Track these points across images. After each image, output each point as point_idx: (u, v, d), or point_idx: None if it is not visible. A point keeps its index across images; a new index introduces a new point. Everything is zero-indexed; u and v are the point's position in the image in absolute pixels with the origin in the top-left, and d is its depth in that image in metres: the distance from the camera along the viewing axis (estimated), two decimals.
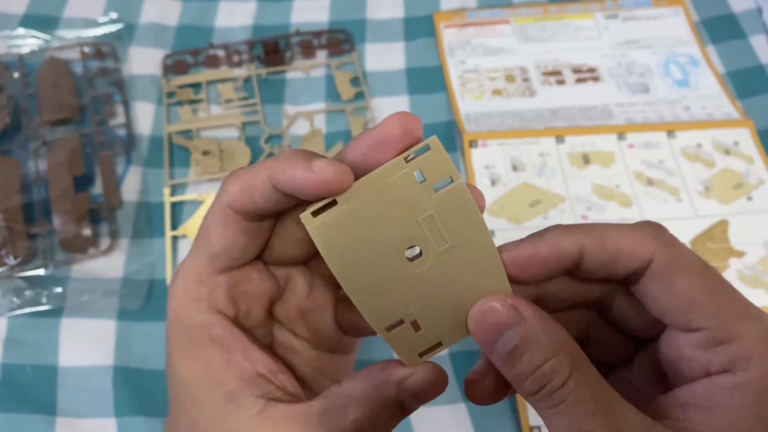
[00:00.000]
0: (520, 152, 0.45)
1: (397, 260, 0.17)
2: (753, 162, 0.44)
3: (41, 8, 0.55)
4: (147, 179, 0.45)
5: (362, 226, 0.17)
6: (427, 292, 0.17)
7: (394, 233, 0.17)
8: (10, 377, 0.36)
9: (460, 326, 0.18)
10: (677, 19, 0.54)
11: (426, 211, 0.17)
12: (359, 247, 0.17)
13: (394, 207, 0.17)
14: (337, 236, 0.17)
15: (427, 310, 0.17)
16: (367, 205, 0.17)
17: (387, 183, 0.16)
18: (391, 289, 0.17)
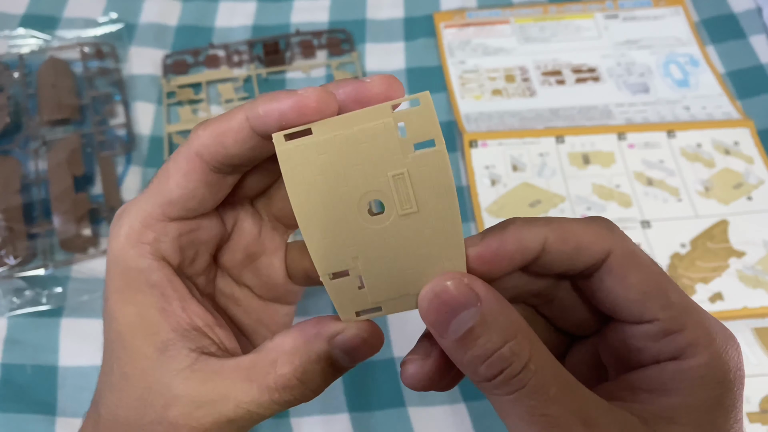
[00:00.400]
0: (520, 152, 0.45)
1: (357, 209, 0.16)
2: (753, 162, 0.44)
3: (41, 8, 0.55)
4: (147, 179, 0.45)
5: (331, 162, 0.16)
6: (379, 252, 0.16)
7: (361, 180, 0.16)
8: (10, 377, 0.36)
9: (405, 297, 0.17)
10: (677, 19, 0.54)
11: (400, 168, 0.16)
12: (323, 183, 0.16)
13: (368, 153, 0.15)
14: (304, 165, 0.16)
15: (374, 270, 0.16)
16: (342, 142, 0.16)
17: (367, 126, 0.15)
18: (344, 237, 0.16)
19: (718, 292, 0.39)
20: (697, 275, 0.39)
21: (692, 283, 0.39)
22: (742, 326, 0.37)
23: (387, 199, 0.16)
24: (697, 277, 0.39)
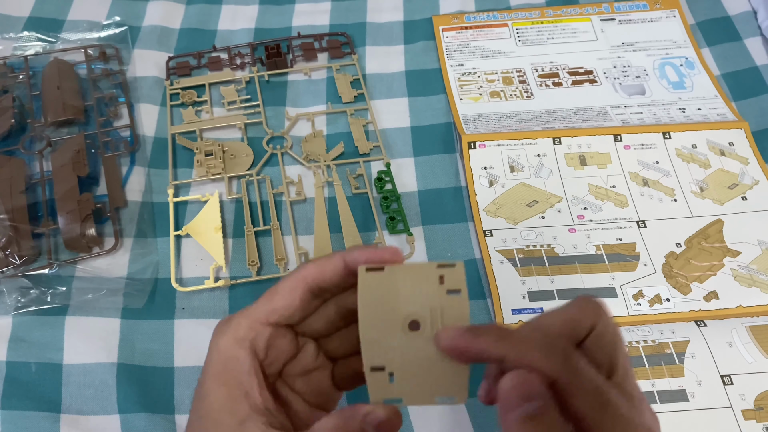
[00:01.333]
0: (518, 153, 0.45)
1: (401, 324, 0.23)
2: (747, 163, 0.45)
3: (46, 11, 0.55)
4: (151, 180, 0.46)
5: (391, 289, 0.23)
6: (409, 358, 0.23)
7: (408, 305, 0.23)
8: (15, 375, 0.37)
9: (421, 394, 0.23)
10: (673, 21, 0.54)
11: (436, 302, 0.23)
12: (382, 301, 0.23)
13: (417, 288, 0.23)
14: (373, 288, 0.23)
15: (403, 370, 0.23)
16: (401, 279, 0.23)
17: (420, 272, 0.23)
18: (387, 342, 0.23)
19: (713, 290, 0.39)
20: (692, 274, 0.40)
21: (687, 282, 0.40)
22: (737, 325, 0.38)
23: (423, 322, 0.23)
24: (692, 276, 0.40)
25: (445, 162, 0.47)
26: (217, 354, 0.24)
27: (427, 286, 0.23)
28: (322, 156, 0.47)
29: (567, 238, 0.41)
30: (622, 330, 0.38)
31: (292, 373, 0.26)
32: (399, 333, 0.23)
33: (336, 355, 0.27)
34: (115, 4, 0.56)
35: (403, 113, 0.49)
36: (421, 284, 0.23)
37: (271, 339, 0.25)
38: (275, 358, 0.25)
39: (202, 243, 0.42)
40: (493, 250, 0.41)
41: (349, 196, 0.45)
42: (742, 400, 0.35)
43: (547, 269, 0.40)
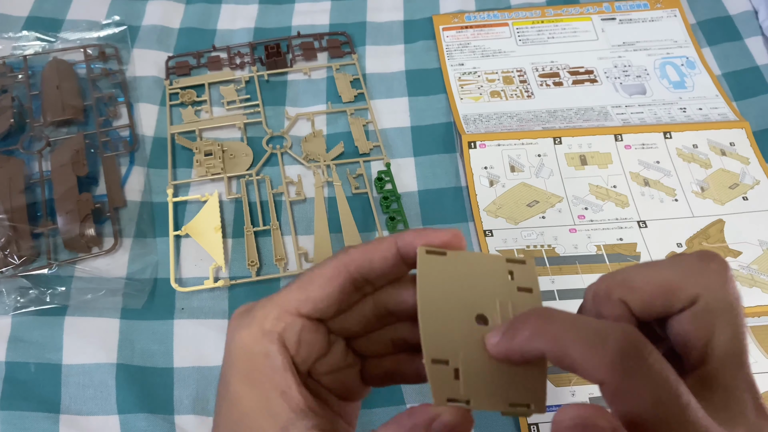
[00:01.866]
0: (518, 153, 0.45)
1: (468, 316, 0.20)
2: (749, 162, 0.45)
3: (45, 10, 0.55)
4: (150, 180, 0.46)
5: (456, 276, 0.20)
6: (477, 355, 0.19)
7: (475, 296, 0.20)
8: (14, 375, 0.37)
9: (489, 398, 0.19)
10: (674, 21, 0.54)
11: (506, 297, 0.20)
12: (445, 289, 0.20)
13: (484, 279, 0.21)
14: (435, 272, 0.20)
15: (470, 367, 0.19)
16: (467, 266, 0.21)
17: (488, 261, 0.21)
18: (452, 333, 0.19)
19: None
20: None
21: None
22: None
23: (491, 316, 0.20)
24: None
25: (445, 162, 0.46)
26: (242, 350, 0.21)
27: (496, 278, 0.20)
28: (322, 156, 0.47)
29: (568, 238, 0.41)
30: None
31: (319, 372, 0.23)
32: (465, 325, 0.19)
33: (366, 354, 0.24)
34: (115, 3, 0.56)
35: (403, 113, 0.49)
36: (490, 276, 0.20)
37: (303, 333, 0.21)
38: (307, 355, 0.22)
39: (202, 243, 0.42)
40: (494, 251, 0.41)
41: (349, 196, 0.45)
42: None
43: (548, 269, 0.40)
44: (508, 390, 0.19)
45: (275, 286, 0.41)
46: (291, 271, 0.41)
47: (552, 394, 0.36)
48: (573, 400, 0.35)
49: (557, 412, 0.17)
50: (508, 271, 0.21)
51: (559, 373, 0.36)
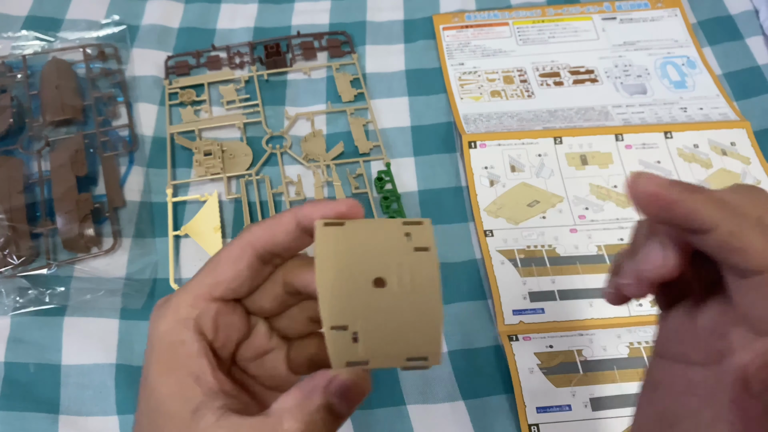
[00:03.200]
0: (519, 153, 0.45)
1: (365, 280, 0.20)
2: (749, 162, 0.45)
3: (44, 10, 0.55)
4: (149, 179, 0.45)
5: (353, 244, 0.21)
6: (374, 317, 0.20)
7: (372, 260, 0.21)
8: (13, 376, 0.37)
9: (388, 357, 0.20)
10: (674, 20, 0.54)
11: (403, 258, 0.21)
12: (342, 257, 0.20)
13: (381, 243, 0.21)
14: (332, 242, 0.21)
15: (368, 329, 0.20)
16: (364, 234, 0.21)
17: (385, 226, 0.21)
18: (350, 298, 0.20)
19: None
20: None
21: None
22: None
23: (389, 278, 0.20)
24: None
25: (445, 162, 0.46)
26: (158, 340, 0.21)
27: (393, 242, 0.21)
28: (321, 156, 0.46)
29: (568, 239, 0.41)
30: (624, 331, 0.38)
31: (245, 357, 0.24)
32: (362, 290, 0.20)
33: (289, 335, 0.24)
34: (114, 3, 0.56)
35: (403, 113, 0.49)
36: (387, 240, 0.21)
37: (219, 316, 0.22)
38: (226, 339, 0.22)
39: (201, 243, 0.42)
40: (494, 251, 0.41)
41: (349, 195, 0.45)
42: None
43: (548, 269, 0.40)
44: (406, 347, 0.20)
45: None
46: None
47: (552, 394, 0.36)
48: (573, 401, 0.35)
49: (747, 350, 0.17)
50: (405, 234, 0.21)
51: (560, 374, 0.36)
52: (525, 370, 0.36)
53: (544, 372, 0.36)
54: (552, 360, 0.37)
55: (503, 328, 0.38)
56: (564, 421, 0.35)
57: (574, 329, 0.38)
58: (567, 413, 0.35)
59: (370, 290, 0.20)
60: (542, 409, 0.35)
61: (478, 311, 0.39)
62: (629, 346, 0.37)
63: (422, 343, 0.20)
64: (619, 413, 0.35)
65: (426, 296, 0.20)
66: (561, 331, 0.38)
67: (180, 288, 0.23)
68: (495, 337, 0.38)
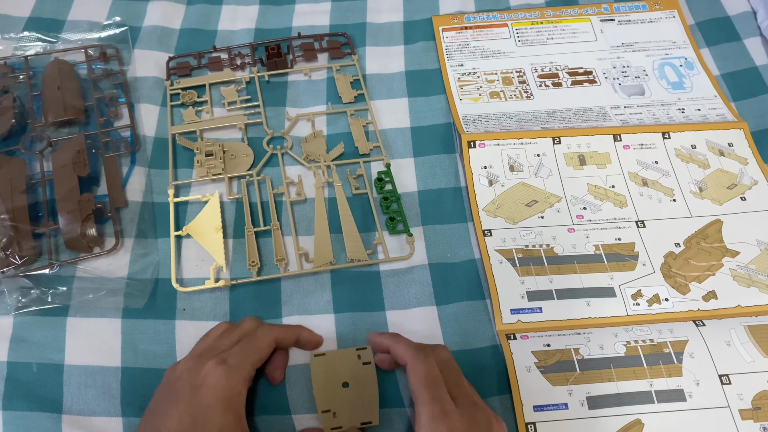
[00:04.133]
0: (518, 152, 0.46)
1: (338, 384, 0.37)
2: (747, 163, 0.45)
3: (46, 11, 0.55)
4: (151, 180, 0.46)
5: (329, 366, 0.38)
6: (344, 403, 0.36)
7: (340, 373, 0.37)
8: (16, 375, 0.37)
9: (351, 423, 0.36)
10: (672, 22, 0.55)
11: (357, 370, 0.37)
12: (325, 374, 0.37)
13: (345, 363, 0.38)
14: (319, 365, 0.38)
15: (341, 410, 0.36)
16: (335, 359, 0.38)
17: (346, 354, 0.38)
18: (331, 397, 0.36)
19: (712, 290, 0.39)
20: (691, 274, 0.40)
21: (686, 281, 0.40)
22: (736, 324, 0.38)
23: (351, 382, 0.37)
24: (691, 276, 0.40)
25: (445, 162, 0.47)
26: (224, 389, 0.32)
27: (351, 362, 0.37)
28: (322, 156, 0.47)
29: (566, 238, 0.42)
30: (621, 330, 0.38)
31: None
32: (336, 389, 0.36)
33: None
34: (116, 4, 0.56)
35: (403, 113, 0.49)
36: (347, 361, 0.37)
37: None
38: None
39: (203, 243, 0.42)
40: (493, 250, 0.41)
41: (349, 196, 0.45)
42: (739, 400, 0.35)
43: (546, 269, 0.40)
44: (361, 416, 0.36)
45: (276, 286, 0.41)
46: (291, 272, 0.41)
47: (549, 393, 0.36)
48: (570, 399, 0.36)
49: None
50: (357, 356, 0.38)
51: (557, 373, 0.37)
52: (522, 368, 0.37)
53: (541, 371, 0.36)
54: (549, 359, 0.37)
55: (501, 327, 0.38)
56: (561, 419, 0.35)
57: (572, 328, 0.38)
58: (564, 411, 0.35)
59: (341, 389, 0.37)
60: (539, 408, 0.35)
61: (477, 311, 0.40)
62: (626, 344, 0.37)
63: (369, 414, 0.36)
64: (616, 412, 0.35)
65: (369, 389, 0.36)
66: (558, 329, 0.38)
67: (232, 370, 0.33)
68: (493, 337, 0.39)
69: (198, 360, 0.34)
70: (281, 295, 0.41)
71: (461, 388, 0.33)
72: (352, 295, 0.40)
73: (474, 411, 0.32)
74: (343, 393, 0.36)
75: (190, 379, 0.32)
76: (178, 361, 0.35)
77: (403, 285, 0.41)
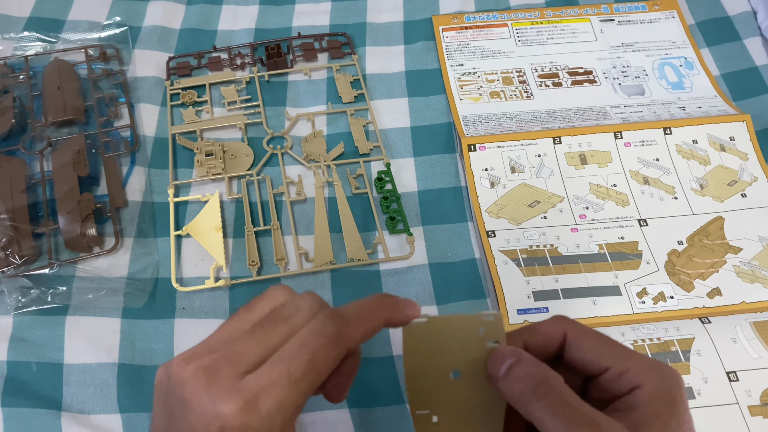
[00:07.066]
0: (518, 154, 0.45)
1: (443, 374, 0.24)
2: (747, 158, 0.45)
3: (46, 11, 0.55)
4: (151, 180, 0.46)
5: (435, 339, 0.24)
6: (450, 404, 0.24)
7: (449, 356, 0.24)
8: (16, 374, 0.37)
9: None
10: (672, 22, 0.55)
11: (476, 353, 0.24)
12: (425, 352, 0.24)
13: (457, 340, 0.24)
14: (417, 339, 0.24)
15: (445, 413, 0.24)
16: (443, 332, 0.24)
17: (461, 325, 0.24)
18: (431, 390, 0.24)
19: (716, 287, 0.39)
20: (695, 271, 0.40)
21: (690, 279, 0.40)
22: (741, 321, 0.38)
23: (463, 371, 0.24)
24: (694, 274, 0.40)
25: (445, 162, 0.47)
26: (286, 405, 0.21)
27: (468, 338, 0.24)
28: (322, 156, 0.47)
29: (570, 238, 0.41)
30: (627, 328, 0.38)
31: None
32: (441, 381, 0.24)
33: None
34: (116, 4, 0.56)
35: (403, 113, 0.49)
36: (463, 336, 0.24)
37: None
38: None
39: (203, 243, 0.42)
40: (497, 251, 0.41)
41: (349, 196, 0.45)
42: (748, 396, 0.35)
43: (551, 269, 0.40)
44: (474, 426, 0.24)
45: None
46: (291, 271, 0.41)
47: None
48: None
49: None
50: (479, 329, 0.24)
51: None
52: None
53: None
54: None
55: (508, 328, 0.38)
56: None
57: None
58: None
59: (447, 381, 0.24)
60: None
61: (477, 310, 0.39)
62: (633, 343, 0.37)
63: (488, 426, 0.24)
64: None
65: (492, 395, 0.24)
66: None
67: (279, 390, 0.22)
68: None
69: (212, 373, 0.21)
70: None
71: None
72: (352, 295, 0.40)
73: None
74: (450, 386, 0.24)
75: (196, 414, 0.21)
76: (174, 362, 0.23)
77: (403, 285, 0.41)
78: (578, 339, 0.24)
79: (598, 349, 0.24)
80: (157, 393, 0.23)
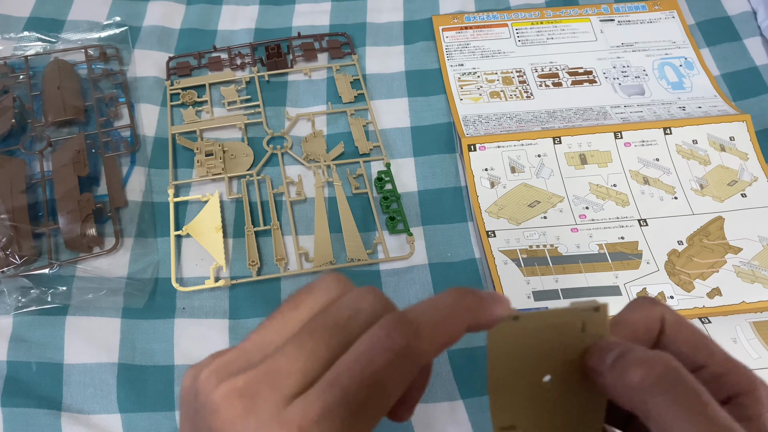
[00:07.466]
0: (518, 154, 0.45)
1: (533, 381, 0.20)
2: (747, 158, 0.45)
3: (46, 11, 0.55)
4: (151, 180, 0.46)
5: (526, 340, 0.20)
6: (542, 416, 0.20)
7: (542, 361, 0.20)
8: (16, 374, 0.37)
9: None
10: (672, 22, 0.55)
11: (573, 354, 0.20)
12: (514, 355, 0.20)
13: (553, 339, 0.20)
14: (504, 340, 0.19)
15: (533, 426, 0.20)
16: (536, 333, 0.19)
17: (558, 320, 0.19)
18: (519, 400, 0.20)
19: (716, 287, 0.39)
20: (695, 271, 0.40)
21: (690, 279, 0.40)
22: (741, 321, 0.38)
23: (559, 377, 0.20)
24: (695, 274, 0.40)
25: (445, 162, 0.47)
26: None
27: (566, 334, 0.20)
28: (322, 156, 0.47)
29: (570, 238, 0.41)
30: None
31: None
32: (530, 389, 0.20)
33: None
34: (116, 4, 0.56)
35: (403, 113, 0.49)
36: (558, 335, 0.20)
37: None
38: None
39: (203, 243, 0.42)
40: (497, 251, 0.41)
41: (349, 196, 0.45)
42: None
43: (551, 269, 0.40)
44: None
45: (276, 285, 0.41)
46: (291, 271, 0.41)
47: None
48: None
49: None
50: (582, 323, 0.20)
51: None
52: None
53: None
54: None
55: None
56: None
57: None
58: None
59: (538, 390, 0.20)
60: None
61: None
62: None
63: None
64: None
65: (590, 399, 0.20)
66: None
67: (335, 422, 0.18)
68: None
69: (249, 399, 0.17)
70: (281, 294, 0.40)
71: None
72: None
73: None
74: (540, 394, 0.20)
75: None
76: (203, 373, 0.18)
77: (403, 284, 0.41)
78: (675, 328, 0.20)
79: (695, 342, 0.20)
80: (183, 406, 0.19)
